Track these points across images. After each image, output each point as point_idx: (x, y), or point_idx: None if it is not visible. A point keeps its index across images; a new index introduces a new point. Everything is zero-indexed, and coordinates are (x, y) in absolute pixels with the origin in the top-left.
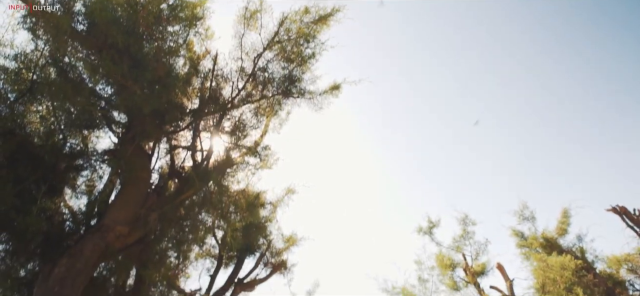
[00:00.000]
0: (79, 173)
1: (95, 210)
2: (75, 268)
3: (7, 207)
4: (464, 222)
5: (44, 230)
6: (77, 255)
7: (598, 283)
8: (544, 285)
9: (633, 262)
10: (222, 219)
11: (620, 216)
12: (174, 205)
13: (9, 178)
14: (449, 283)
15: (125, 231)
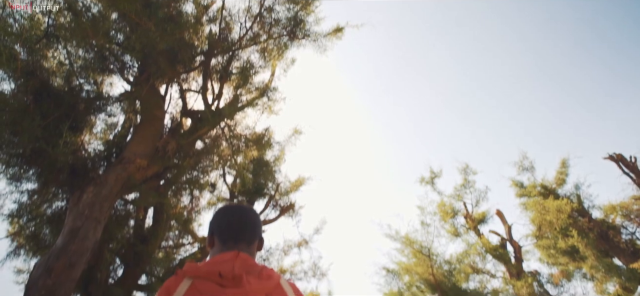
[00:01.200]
0: (97, 114)
1: (115, 148)
2: (102, 194)
3: (37, 138)
4: (465, 171)
5: (70, 162)
6: (102, 183)
7: (592, 227)
8: (541, 227)
9: (627, 208)
10: (233, 157)
11: (616, 163)
12: (189, 141)
13: (35, 113)
14: (450, 229)
15: (144, 163)
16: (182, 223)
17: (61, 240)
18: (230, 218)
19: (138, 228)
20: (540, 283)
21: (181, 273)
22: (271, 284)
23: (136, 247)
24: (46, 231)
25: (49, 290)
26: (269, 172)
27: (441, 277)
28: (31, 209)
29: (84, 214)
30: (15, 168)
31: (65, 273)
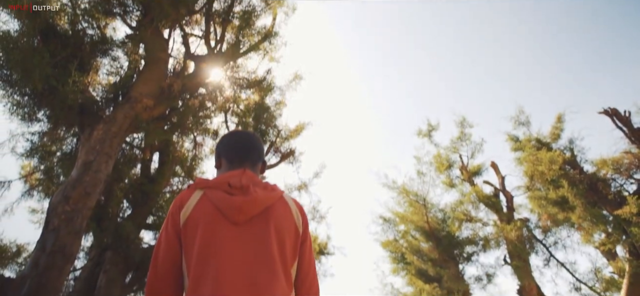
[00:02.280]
0: (102, 57)
1: (121, 89)
2: (111, 131)
3: (48, 76)
4: (462, 124)
5: (80, 102)
6: (111, 121)
7: (583, 179)
8: (533, 177)
9: (618, 163)
10: (235, 103)
11: (611, 117)
12: (193, 83)
13: (44, 52)
14: (446, 181)
15: (150, 103)
16: (186, 168)
17: (76, 172)
18: (237, 141)
19: (144, 169)
20: (528, 228)
21: (193, 185)
22: (275, 195)
23: (144, 187)
24: (58, 171)
25: (68, 216)
26: (270, 118)
27: (435, 225)
28: (43, 149)
29: (96, 149)
30: (27, 108)
31: (81, 201)
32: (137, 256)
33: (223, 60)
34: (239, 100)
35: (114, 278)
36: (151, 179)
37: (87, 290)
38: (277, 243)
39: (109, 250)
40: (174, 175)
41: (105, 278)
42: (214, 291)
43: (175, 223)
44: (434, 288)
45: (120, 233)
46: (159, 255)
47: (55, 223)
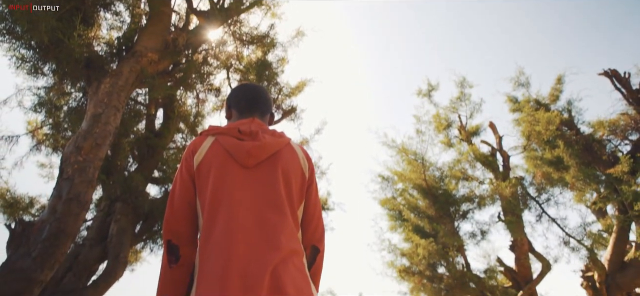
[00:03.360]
0: (105, 10)
1: (125, 44)
2: (118, 85)
3: (53, 28)
4: (462, 84)
5: (85, 55)
6: (117, 75)
7: (578, 139)
8: (530, 137)
9: (615, 124)
10: (238, 59)
11: (610, 79)
12: (197, 37)
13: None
14: (444, 140)
15: (155, 57)
16: (189, 124)
17: (86, 124)
18: (246, 92)
19: (149, 124)
20: (523, 186)
21: (205, 132)
22: (283, 141)
23: (149, 141)
24: (65, 126)
25: (80, 166)
26: (272, 75)
27: (433, 183)
28: (49, 103)
29: (104, 102)
30: (33, 62)
31: (92, 151)
32: (146, 207)
33: (225, 15)
34: (241, 57)
35: (124, 228)
36: (157, 134)
37: (99, 238)
38: (284, 186)
39: (118, 201)
40: (178, 131)
41: (116, 227)
42: (226, 229)
43: (188, 166)
44: (430, 243)
45: (129, 185)
46: (175, 195)
47: (69, 172)
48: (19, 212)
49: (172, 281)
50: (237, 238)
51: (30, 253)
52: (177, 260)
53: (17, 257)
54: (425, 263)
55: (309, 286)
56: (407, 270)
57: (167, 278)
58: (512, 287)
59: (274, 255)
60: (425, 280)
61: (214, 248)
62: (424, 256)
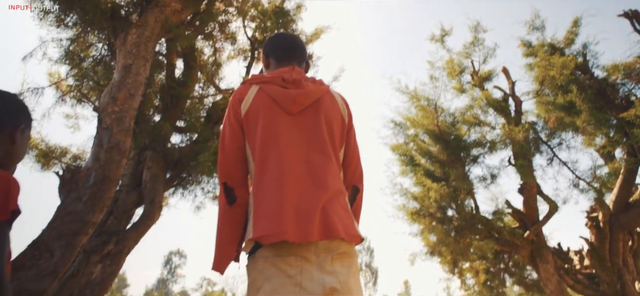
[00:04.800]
0: None
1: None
2: (144, 35)
3: None
4: (475, 29)
5: (110, 5)
6: (143, 25)
7: (592, 84)
8: (543, 82)
9: (630, 68)
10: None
11: (630, 20)
12: None
13: None
14: (457, 86)
15: (178, 7)
16: (207, 74)
17: (118, 75)
18: (284, 41)
19: (170, 74)
20: (535, 130)
21: (248, 81)
22: (323, 89)
23: (173, 91)
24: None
25: (117, 115)
26: (289, 23)
27: (445, 128)
28: (73, 55)
29: (132, 53)
30: (57, 13)
31: (127, 102)
32: (176, 155)
33: None
34: (259, 4)
35: (156, 174)
36: (180, 83)
37: (134, 184)
38: (327, 130)
39: (148, 149)
40: (197, 80)
41: (149, 174)
42: (278, 171)
43: (236, 113)
44: (442, 186)
45: (157, 134)
46: (226, 141)
47: (107, 122)
48: (53, 160)
49: (232, 220)
50: (289, 180)
51: (81, 198)
52: (234, 200)
53: (70, 201)
54: (436, 206)
55: (353, 222)
56: (417, 213)
57: (226, 217)
58: (519, 228)
59: (322, 194)
60: (435, 222)
61: (268, 189)
62: (435, 199)
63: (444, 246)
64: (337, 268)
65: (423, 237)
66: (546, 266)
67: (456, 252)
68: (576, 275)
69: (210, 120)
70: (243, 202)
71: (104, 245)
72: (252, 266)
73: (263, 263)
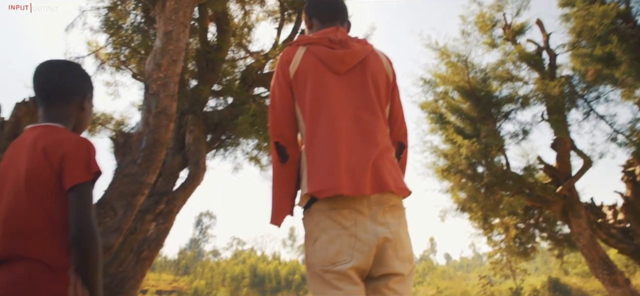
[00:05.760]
0: None
1: None
2: (182, 1)
3: None
4: None
5: None
6: None
7: (634, 33)
8: (581, 33)
9: None
10: None
11: None
12: None
13: None
14: (488, 41)
15: None
16: (238, 37)
17: (159, 42)
18: (327, 2)
19: (203, 39)
20: (571, 84)
21: (295, 42)
22: (368, 48)
23: (208, 55)
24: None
25: (162, 81)
26: None
27: (476, 84)
28: (111, 23)
29: (172, 19)
30: None
31: (171, 67)
32: (216, 118)
33: None
34: None
35: (198, 137)
36: (214, 48)
37: (178, 147)
38: (374, 89)
39: (188, 113)
40: (229, 44)
41: (192, 137)
42: (329, 130)
43: (285, 75)
44: (472, 143)
45: (196, 98)
46: (276, 102)
47: (153, 88)
48: (98, 127)
49: (285, 177)
50: (340, 137)
51: (135, 161)
52: (286, 158)
53: (125, 164)
54: (466, 163)
55: (401, 177)
56: (447, 170)
57: (280, 174)
58: (551, 183)
59: (372, 150)
60: (465, 179)
61: (321, 146)
62: (465, 156)
63: (475, 202)
64: (389, 219)
65: (452, 194)
66: (578, 221)
67: (486, 208)
68: (609, 229)
69: (245, 82)
70: (295, 160)
71: (156, 205)
72: (308, 219)
73: (319, 216)
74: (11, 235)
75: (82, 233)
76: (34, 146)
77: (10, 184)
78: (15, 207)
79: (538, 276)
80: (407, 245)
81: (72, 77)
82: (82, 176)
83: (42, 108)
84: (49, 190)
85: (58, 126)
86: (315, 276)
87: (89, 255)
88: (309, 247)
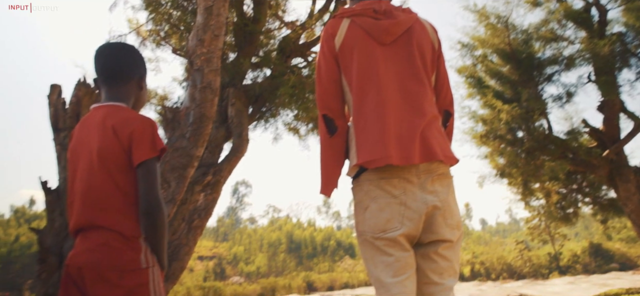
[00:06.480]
0: None
1: None
2: None
3: None
4: None
5: None
6: None
7: None
8: None
9: None
10: None
11: None
12: None
13: None
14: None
15: None
16: (274, 8)
17: (201, 17)
18: None
19: (241, 11)
20: (623, 42)
21: (339, 14)
22: (413, 17)
23: (247, 28)
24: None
25: (206, 56)
26: None
27: (517, 46)
28: (151, 1)
29: None
30: None
31: (213, 42)
32: (256, 90)
33: None
34: None
35: (240, 110)
36: (251, 20)
37: (221, 120)
38: (420, 58)
39: (229, 86)
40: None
41: (234, 109)
42: (377, 101)
43: (331, 47)
44: (513, 107)
45: (237, 71)
46: (322, 74)
47: (197, 63)
48: None
49: (333, 148)
50: (388, 108)
51: (184, 135)
52: (335, 130)
53: (175, 138)
54: (506, 128)
55: (448, 145)
56: (486, 136)
57: (328, 147)
58: (597, 147)
59: (420, 120)
60: (504, 144)
61: (369, 117)
62: (506, 121)
63: (514, 168)
64: (437, 187)
65: (491, 160)
66: (627, 186)
67: (527, 173)
68: None
69: (283, 53)
70: (342, 132)
71: (204, 176)
72: (357, 189)
73: (368, 185)
74: (89, 207)
75: (151, 206)
76: (103, 124)
77: (84, 160)
78: (90, 181)
79: (578, 241)
80: (456, 212)
81: (131, 58)
82: (149, 153)
83: (105, 88)
84: (120, 165)
85: (122, 105)
86: (366, 243)
87: (157, 225)
88: (359, 216)
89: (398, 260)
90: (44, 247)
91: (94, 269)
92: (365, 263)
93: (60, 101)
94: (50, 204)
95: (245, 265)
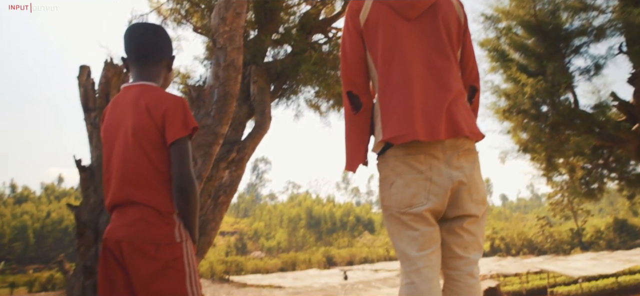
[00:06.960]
0: None
1: None
2: None
3: None
4: None
5: None
6: None
7: None
8: None
9: None
10: None
11: None
12: None
13: None
14: None
15: None
16: None
17: None
18: None
19: None
20: None
21: None
22: None
23: (267, 4)
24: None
25: (229, 34)
26: None
27: (543, 18)
28: None
29: None
30: None
31: (235, 20)
32: (278, 67)
33: None
34: None
35: (263, 87)
36: None
37: (244, 97)
38: (445, 33)
39: (250, 64)
40: None
41: (256, 87)
42: (403, 76)
43: (355, 24)
44: (538, 81)
45: (258, 48)
46: (347, 51)
47: (220, 42)
48: None
49: (359, 125)
50: (414, 84)
51: (209, 113)
52: (359, 106)
53: (201, 117)
54: (530, 102)
55: (474, 121)
56: (509, 110)
57: (353, 123)
58: (626, 121)
59: (446, 95)
60: (527, 119)
61: (395, 93)
62: (530, 95)
63: (538, 143)
64: (463, 163)
65: (513, 135)
66: None
67: (551, 149)
68: None
69: (303, 30)
70: (367, 108)
71: (228, 153)
72: (383, 165)
73: (394, 161)
74: (126, 183)
75: (184, 182)
76: (136, 103)
77: (121, 138)
78: (126, 159)
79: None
80: (481, 187)
81: (163, 39)
82: (182, 131)
83: (136, 67)
84: (154, 143)
85: (153, 84)
86: (392, 217)
87: (189, 201)
88: (384, 191)
89: (423, 235)
90: (80, 222)
91: (131, 242)
92: (390, 237)
93: (89, 82)
94: (85, 181)
95: (266, 240)
